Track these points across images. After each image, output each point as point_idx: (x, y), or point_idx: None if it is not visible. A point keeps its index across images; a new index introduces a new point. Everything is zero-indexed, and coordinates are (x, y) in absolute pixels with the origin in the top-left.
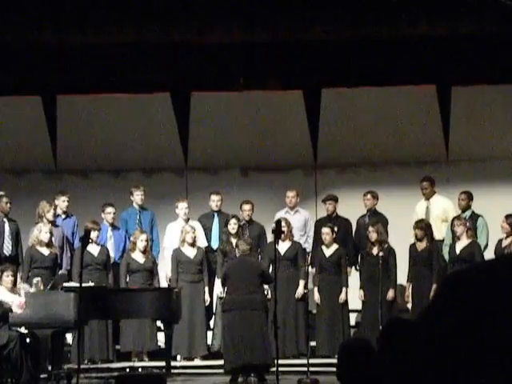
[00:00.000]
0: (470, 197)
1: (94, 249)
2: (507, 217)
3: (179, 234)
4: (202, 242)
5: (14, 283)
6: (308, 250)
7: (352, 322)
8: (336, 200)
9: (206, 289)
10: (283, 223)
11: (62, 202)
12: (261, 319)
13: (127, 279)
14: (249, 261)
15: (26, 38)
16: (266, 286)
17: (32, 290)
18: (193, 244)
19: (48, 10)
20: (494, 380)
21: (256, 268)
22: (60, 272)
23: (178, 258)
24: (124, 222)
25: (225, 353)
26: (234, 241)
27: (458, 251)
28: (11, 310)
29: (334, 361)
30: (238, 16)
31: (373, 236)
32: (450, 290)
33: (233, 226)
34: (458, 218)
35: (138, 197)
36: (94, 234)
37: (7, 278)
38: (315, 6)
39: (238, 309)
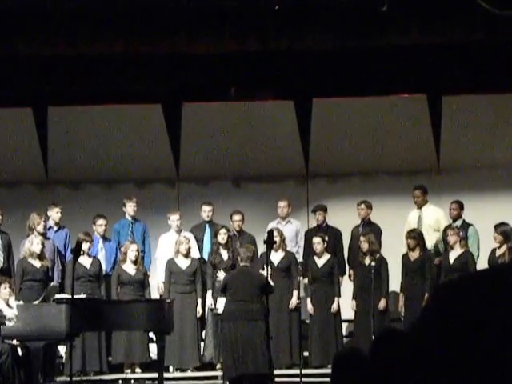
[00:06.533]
0: (461, 206)
1: (85, 261)
2: (496, 226)
3: (173, 245)
4: (195, 253)
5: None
6: (300, 261)
7: (344, 331)
8: (325, 210)
9: (199, 300)
10: (275, 233)
11: (54, 214)
12: (260, 329)
13: (118, 291)
14: (250, 272)
15: (17, 50)
16: None
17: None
18: (187, 255)
19: (39, 22)
20: None
21: (257, 279)
22: (52, 284)
23: (170, 268)
24: (116, 233)
25: (224, 362)
26: (223, 252)
27: (451, 261)
28: (4, 323)
29: (327, 371)
30: (228, 26)
31: (364, 246)
32: (440, 301)
33: (222, 237)
34: (450, 227)
35: (130, 208)
36: (85, 246)
37: (5, 289)
38: (306, 15)
39: (237, 319)
